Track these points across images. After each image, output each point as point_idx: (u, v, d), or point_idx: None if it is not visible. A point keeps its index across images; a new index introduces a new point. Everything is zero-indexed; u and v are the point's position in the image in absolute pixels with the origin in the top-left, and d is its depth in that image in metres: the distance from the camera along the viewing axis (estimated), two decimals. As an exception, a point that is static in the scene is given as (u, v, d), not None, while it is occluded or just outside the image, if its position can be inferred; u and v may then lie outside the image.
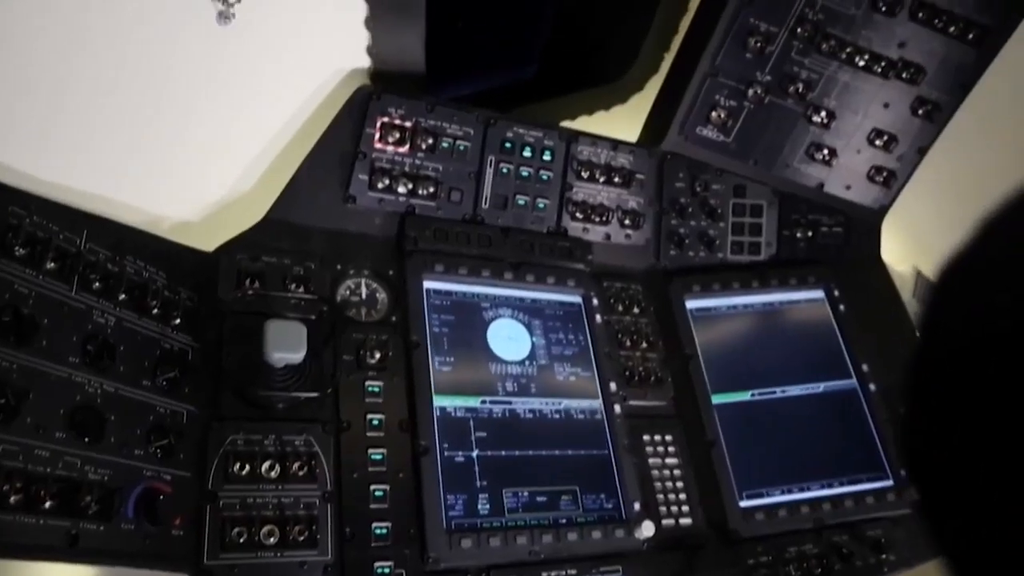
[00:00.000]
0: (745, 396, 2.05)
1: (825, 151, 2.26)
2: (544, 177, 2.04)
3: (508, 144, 2.00)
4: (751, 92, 2.15)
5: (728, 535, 1.85)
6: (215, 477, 1.46)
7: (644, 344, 2.05)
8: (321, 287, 1.74)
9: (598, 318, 2.00)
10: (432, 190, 1.92)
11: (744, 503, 1.90)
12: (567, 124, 2.41)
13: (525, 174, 2.02)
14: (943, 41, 2.11)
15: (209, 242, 1.71)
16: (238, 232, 1.75)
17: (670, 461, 1.92)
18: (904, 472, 0.60)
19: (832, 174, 2.31)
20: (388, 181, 1.87)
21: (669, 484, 1.88)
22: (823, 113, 2.20)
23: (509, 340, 1.88)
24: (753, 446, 1.98)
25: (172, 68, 1.58)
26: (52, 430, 1.23)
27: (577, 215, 2.09)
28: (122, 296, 1.45)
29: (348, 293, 1.80)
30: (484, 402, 1.78)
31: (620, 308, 2.07)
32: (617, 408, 1.90)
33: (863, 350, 2.17)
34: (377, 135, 1.86)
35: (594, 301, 2.01)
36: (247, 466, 1.48)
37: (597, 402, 1.90)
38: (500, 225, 2.00)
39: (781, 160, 2.27)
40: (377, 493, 1.58)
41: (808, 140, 2.25)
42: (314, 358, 1.59)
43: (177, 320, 1.54)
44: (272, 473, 1.50)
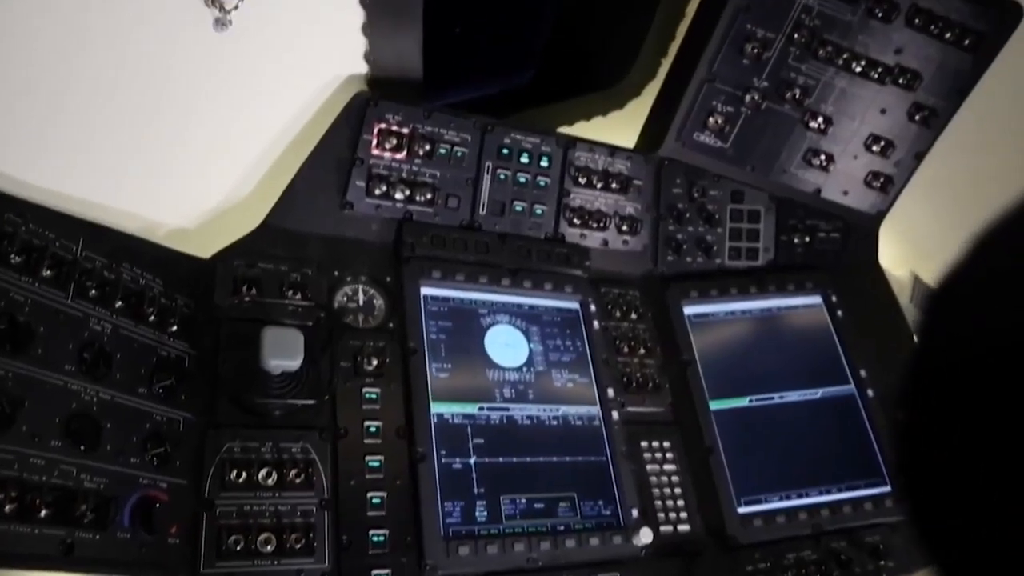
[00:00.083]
0: (743, 402, 2.05)
1: (822, 157, 2.26)
2: (541, 183, 2.04)
3: (505, 150, 2.00)
4: (748, 98, 2.15)
5: (726, 541, 1.85)
6: (211, 485, 1.45)
7: (642, 350, 2.04)
8: (318, 294, 1.74)
9: (596, 324, 2.00)
10: (429, 196, 1.92)
11: (742, 509, 1.89)
12: (564, 130, 2.41)
13: (522, 180, 2.02)
14: (939, 47, 2.11)
15: (206, 249, 1.71)
16: (235, 239, 1.74)
17: (668, 467, 1.91)
18: (899, 486, 0.59)
19: (829, 179, 2.31)
20: (385, 187, 1.87)
21: (667, 490, 1.88)
22: (820, 119, 2.20)
23: (507, 346, 1.88)
24: (751, 452, 1.98)
25: (169, 74, 1.58)
26: (48, 438, 1.23)
27: (575, 221, 2.08)
28: (118, 303, 1.44)
29: (345, 300, 1.79)
30: (482, 409, 1.77)
31: (618, 314, 2.07)
32: (615, 414, 1.89)
33: (861, 356, 2.17)
34: (374, 141, 1.86)
35: (592, 307, 2.01)
36: (244, 473, 1.47)
37: (595, 408, 1.89)
38: (497, 231, 2.00)
39: (778, 166, 2.27)
40: (374, 500, 1.57)
41: (805, 146, 2.25)
42: (311, 365, 1.59)
43: (174, 327, 1.53)
44: (269, 481, 1.49)
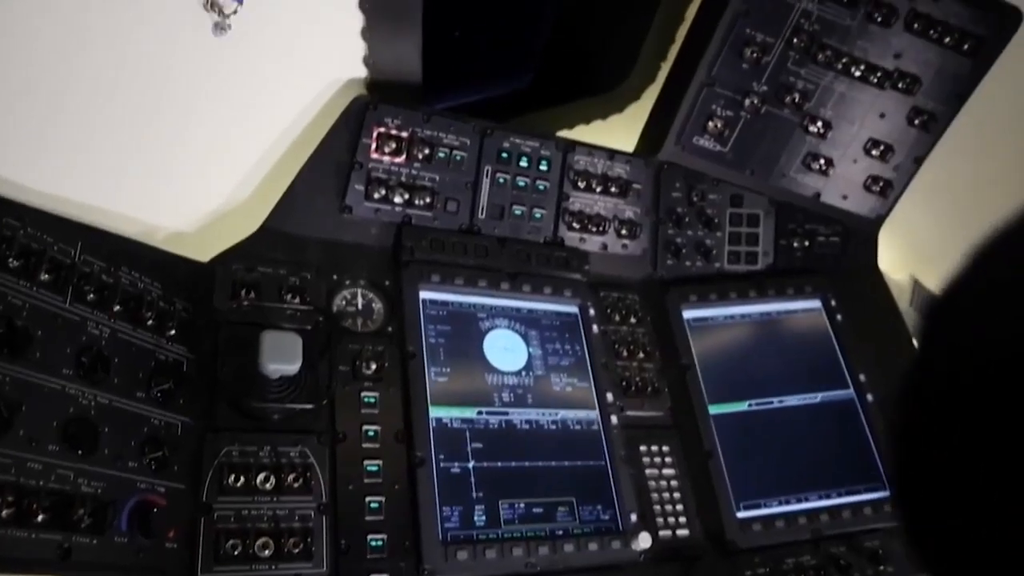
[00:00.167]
0: (742, 406, 2.05)
1: (822, 161, 2.26)
2: (541, 187, 2.04)
3: (505, 154, 2.00)
4: (747, 102, 2.15)
5: (725, 546, 1.85)
6: (210, 489, 1.45)
7: (641, 354, 2.04)
8: (317, 298, 1.73)
9: (595, 328, 2.00)
10: (428, 200, 1.92)
11: (741, 514, 1.89)
12: (564, 134, 2.41)
13: (522, 184, 2.02)
14: (938, 52, 2.11)
15: (205, 252, 1.70)
16: (234, 242, 1.74)
17: (667, 472, 1.91)
18: (894, 493, 0.59)
19: (829, 184, 2.31)
20: (384, 191, 1.87)
21: (666, 495, 1.88)
22: (819, 123, 2.20)
23: (505, 351, 1.88)
24: (750, 456, 1.98)
25: (168, 79, 1.58)
26: (45, 443, 1.22)
27: (574, 225, 2.08)
28: (117, 307, 1.44)
29: (344, 303, 1.79)
30: (480, 413, 1.77)
31: (617, 318, 2.07)
32: (614, 419, 1.89)
33: (860, 360, 2.17)
34: (373, 145, 1.86)
35: (591, 311, 2.01)
36: (242, 478, 1.47)
37: (594, 413, 1.89)
38: (497, 235, 2.00)
39: (778, 170, 2.27)
40: (372, 505, 1.57)
41: (805, 150, 2.25)
42: (310, 369, 1.58)
43: (172, 331, 1.53)
44: (267, 485, 1.49)
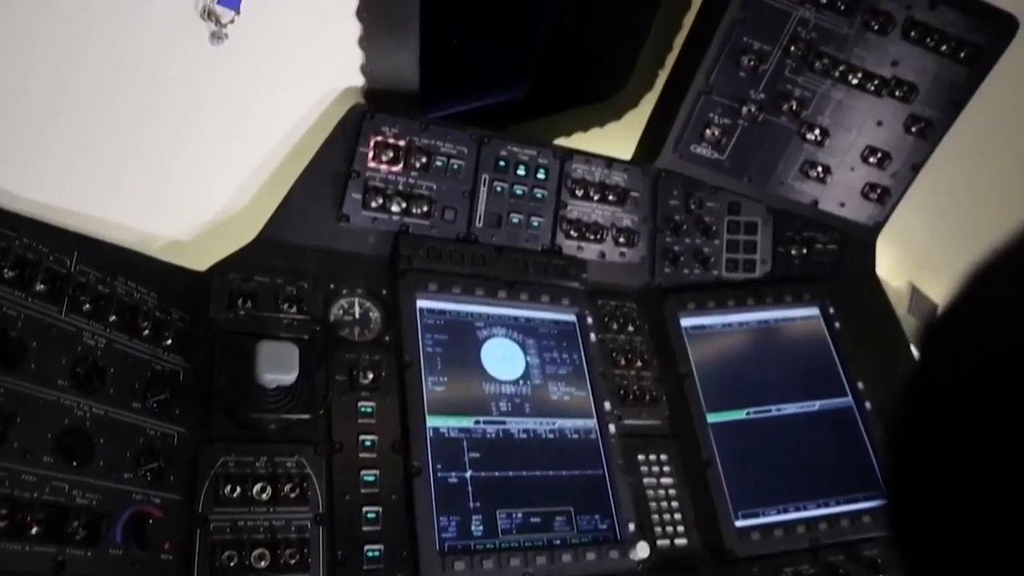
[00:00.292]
0: (740, 415, 2.04)
1: (819, 168, 2.26)
2: (538, 195, 2.04)
3: (502, 162, 1.99)
4: (745, 110, 2.15)
5: (724, 555, 1.84)
6: (205, 500, 1.44)
7: (639, 363, 2.04)
8: (314, 307, 1.73)
9: (592, 337, 1.99)
10: (426, 209, 1.91)
11: (740, 523, 1.89)
12: (562, 141, 2.41)
13: (519, 192, 2.02)
14: (935, 60, 2.11)
15: (202, 262, 1.70)
16: (231, 252, 1.74)
17: (665, 481, 1.90)
18: (889, 511, 0.59)
19: (826, 191, 2.31)
20: (382, 200, 1.87)
21: (664, 504, 1.87)
22: (817, 131, 2.20)
23: (503, 359, 1.87)
24: (748, 465, 1.97)
25: (165, 88, 1.58)
26: (39, 454, 1.22)
27: (571, 233, 2.08)
28: (112, 317, 1.43)
29: (341, 313, 1.79)
30: (478, 422, 1.77)
31: (615, 326, 2.06)
32: (612, 427, 1.88)
33: (859, 368, 2.17)
34: (371, 154, 1.86)
35: (588, 320, 2.01)
36: (238, 488, 1.46)
37: (591, 421, 1.89)
38: (494, 244, 1.99)
39: (775, 177, 2.27)
40: (369, 515, 1.56)
41: (802, 158, 2.25)
42: (306, 379, 1.58)
43: (168, 341, 1.52)
44: (263, 495, 1.48)
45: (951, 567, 0.52)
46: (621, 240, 2.14)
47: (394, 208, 1.88)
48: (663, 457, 1.93)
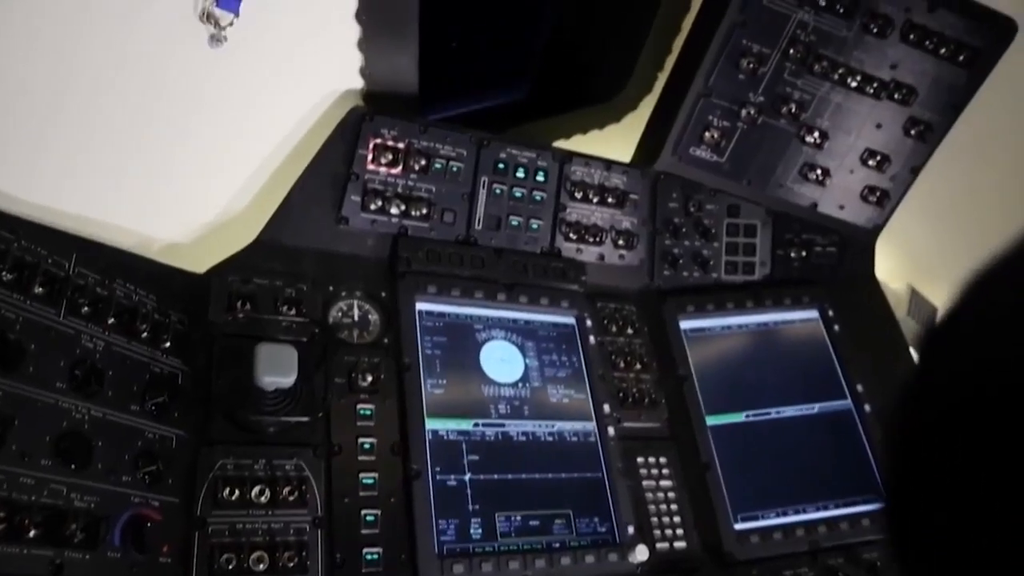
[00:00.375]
0: (739, 417, 2.04)
1: (818, 171, 2.26)
2: (537, 198, 2.04)
3: (501, 165, 1.99)
4: (744, 113, 2.15)
5: (723, 558, 1.84)
6: (204, 503, 1.44)
7: (638, 365, 2.03)
8: (313, 309, 1.73)
9: (592, 339, 1.99)
10: (425, 211, 1.91)
11: (739, 526, 1.88)
12: (561, 143, 2.41)
13: (518, 195, 2.02)
14: (934, 62, 2.12)
15: (200, 264, 1.70)
16: (230, 254, 1.74)
17: (664, 483, 1.90)
18: (888, 516, 0.59)
19: (825, 194, 2.31)
20: (381, 202, 1.87)
21: (663, 507, 1.87)
22: (816, 133, 2.20)
23: (502, 362, 1.87)
24: (748, 468, 1.97)
25: (164, 90, 1.58)
26: (37, 457, 1.21)
27: (571, 235, 2.08)
28: (111, 320, 1.43)
29: (340, 315, 1.78)
30: (477, 425, 1.76)
31: (614, 329, 2.06)
32: (611, 430, 1.88)
33: (858, 370, 2.17)
34: (370, 156, 1.86)
35: (588, 322, 2.01)
36: (236, 491, 1.46)
37: (591, 424, 1.89)
38: (493, 246, 1.99)
39: (775, 180, 2.27)
40: (368, 518, 1.56)
41: (801, 160, 2.25)
42: (305, 381, 1.58)
43: (167, 343, 1.52)
44: (262, 498, 1.48)
45: (950, 571, 0.52)
46: (620, 242, 2.14)
47: (393, 210, 1.88)
48: (662, 460, 1.93)
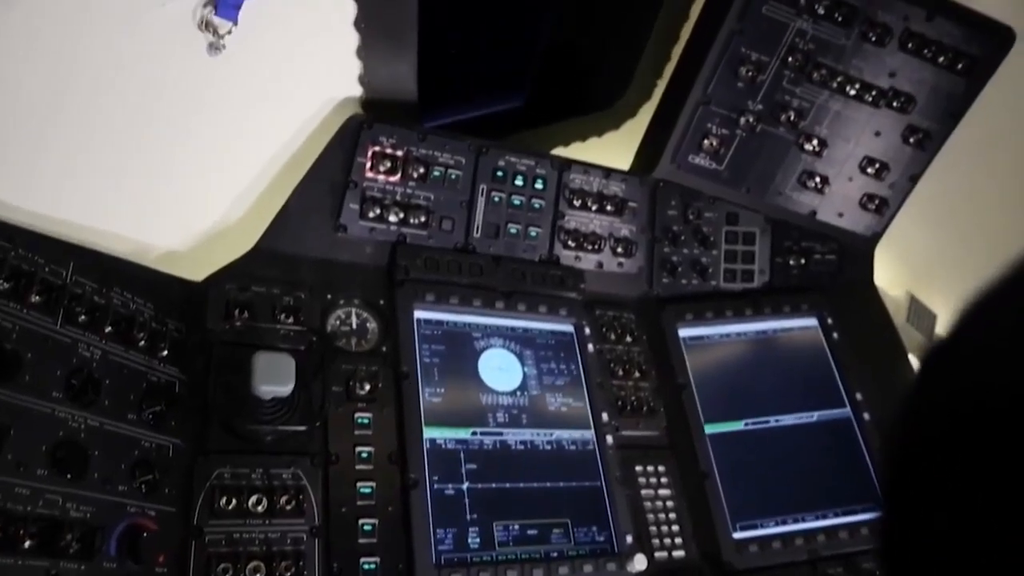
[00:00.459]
0: (738, 426, 2.04)
1: (817, 179, 2.26)
2: (536, 205, 2.04)
3: (500, 173, 1.99)
4: (743, 120, 2.16)
5: (722, 567, 1.83)
6: (201, 512, 1.43)
7: (636, 373, 2.03)
8: (311, 317, 1.72)
9: (590, 347, 1.99)
10: (423, 219, 1.91)
11: (738, 535, 1.88)
12: (560, 151, 2.42)
13: (517, 203, 2.02)
14: (933, 71, 2.12)
15: (199, 272, 1.70)
16: (228, 261, 1.73)
17: (663, 492, 1.90)
18: (883, 530, 0.59)
19: (824, 202, 2.31)
20: (379, 210, 1.87)
21: (662, 516, 1.86)
22: (815, 141, 2.20)
23: (500, 370, 1.86)
24: (746, 476, 1.96)
25: (162, 98, 1.58)
26: (33, 467, 1.21)
27: (569, 243, 2.08)
28: (108, 329, 1.43)
29: (338, 323, 1.78)
30: (475, 433, 1.76)
31: (612, 337, 2.06)
32: (609, 439, 1.88)
33: (857, 378, 2.16)
34: (368, 164, 1.86)
35: (586, 330, 2.00)
36: (233, 500, 1.46)
37: (589, 432, 1.88)
38: (492, 254, 1.99)
39: (773, 188, 2.27)
40: (366, 527, 1.56)
41: (800, 168, 2.25)
42: (303, 390, 1.57)
43: (164, 352, 1.52)
44: (259, 507, 1.47)
45: None
46: (619, 250, 2.14)
47: (392, 218, 1.88)
48: (661, 468, 1.93)
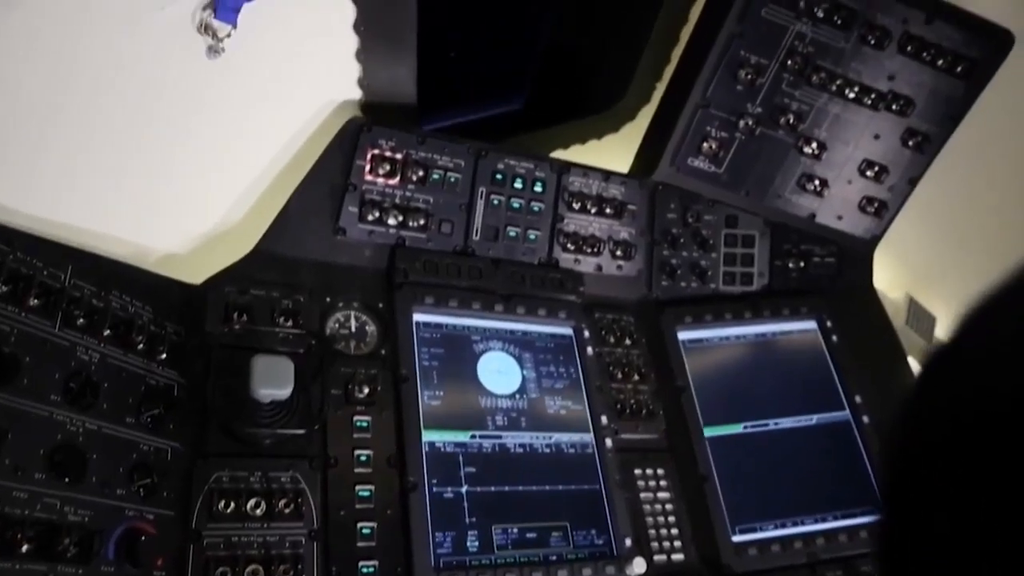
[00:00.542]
0: (737, 429, 2.04)
1: (816, 182, 2.26)
2: (535, 208, 2.04)
3: (499, 175, 1.99)
4: (742, 123, 2.15)
5: (721, 571, 1.83)
6: (199, 516, 1.43)
7: (636, 376, 2.03)
8: (310, 320, 1.72)
9: (589, 350, 1.98)
10: (422, 222, 1.91)
11: (737, 538, 1.88)
12: (559, 153, 2.41)
13: (516, 205, 2.01)
14: (932, 74, 2.12)
15: (198, 275, 1.69)
16: (227, 264, 1.73)
17: (662, 495, 1.90)
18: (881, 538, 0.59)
19: (824, 204, 2.31)
20: (378, 213, 1.86)
21: (661, 519, 1.86)
22: (814, 144, 2.20)
23: (499, 373, 1.86)
24: (746, 480, 1.96)
25: (161, 101, 1.58)
26: (31, 471, 1.21)
27: (568, 246, 2.08)
28: (107, 332, 1.43)
29: (337, 326, 1.78)
30: (474, 436, 1.76)
31: (612, 340, 2.06)
32: (608, 442, 1.88)
33: (856, 381, 2.16)
34: (367, 167, 1.86)
35: (585, 333, 2.00)
36: (232, 504, 1.45)
37: (588, 436, 1.88)
38: (491, 257, 1.99)
39: (773, 191, 2.27)
40: (364, 531, 1.55)
41: (799, 171, 2.25)
42: (302, 393, 1.57)
43: (163, 355, 1.52)
44: (257, 511, 1.47)
45: None
46: (618, 253, 2.14)
47: (391, 221, 1.88)
48: (660, 471, 1.93)
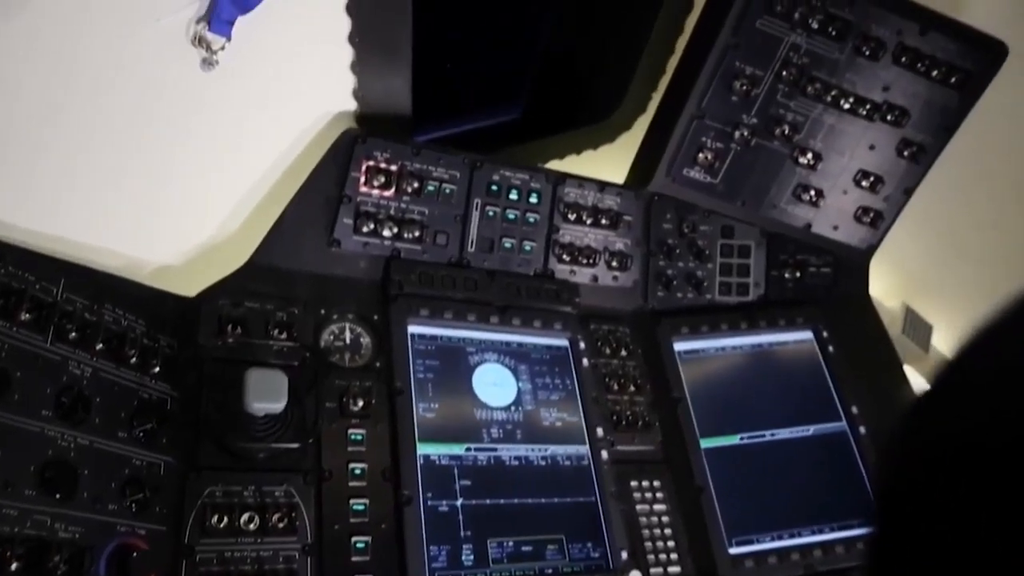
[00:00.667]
0: (734, 440, 2.03)
1: (812, 192, 2.26)
2: (531, 220, 2.03)
3: (494, 187, 1.99)
4: (738, 134, 2.16)
5: (718, 583, 1.82)
6: (192, 531, 1.42)
7: (632, 388, 2.02)
8: (304, 333, 1.71)
9: (585, 362, 1.98)
10: (417, 234, 1.91)
11: (734, 550, 1.87)
12: (555, 164, 2.42)
13: (511, 217, 2.01)
14: (927, 85, 2.12)
15: (192, 287, 1.69)
16: (221, 276, 1.73)
17: (658, 507, 1.89)
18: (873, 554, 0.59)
19: (819, 215, 2.31)
20: (373, 225, 1.86)
21: (657, 531, 1.85)
22: (809, 155, 2.20)
23: (495, 386, 1.86)
24: (742, 491, 1.95)
25: (155, 113, 1.57)
26: (21, 487, 1.20)
27: (564, 257, 2.07)
28: (99, 346, 1.42)
29: (332, 338, 1.77)
30: (469, 449, 1.75)
31: (607, 351, 2.05)
32: (604, 454, 1.87)
33: (853, 392, 2.16)
34: (362, 179, 1.85)
35: (581, 344, 1.99)
36: (225, 518, 1.44)
37: (584, 448, 1.87)
38: (486, 268, 1.99)
39: (768, 201, 2.27)
40: (359, 545, 1.54)
41: (795, 181, 2.25)
42: (296, 406, 1.56)
43: (156, 369, 1.51)
44: (251, 525, 1.46)
45: None
46: (614, 264, 2.14)
47: (386, 233, 1.88)
48: (656, 483, 1.92)
